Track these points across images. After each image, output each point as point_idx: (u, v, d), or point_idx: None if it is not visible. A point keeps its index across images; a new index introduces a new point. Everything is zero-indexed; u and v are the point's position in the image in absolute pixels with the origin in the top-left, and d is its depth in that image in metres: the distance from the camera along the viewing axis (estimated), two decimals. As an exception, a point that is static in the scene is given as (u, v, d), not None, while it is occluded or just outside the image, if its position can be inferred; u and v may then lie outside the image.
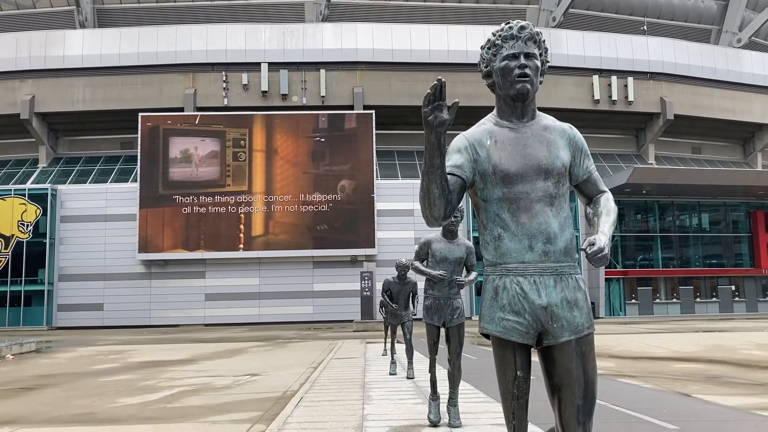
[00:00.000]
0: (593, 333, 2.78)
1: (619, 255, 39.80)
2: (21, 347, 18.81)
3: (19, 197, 37.24)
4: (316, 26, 42.18)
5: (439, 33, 41.41)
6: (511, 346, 2.72)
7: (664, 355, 15.34)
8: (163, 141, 37.91)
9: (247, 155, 38.06)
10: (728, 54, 46.18)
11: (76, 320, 36.43)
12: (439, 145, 2.58)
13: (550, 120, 2.94)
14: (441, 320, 6.50)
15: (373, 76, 41.07)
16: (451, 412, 6.38)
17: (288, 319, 36.33)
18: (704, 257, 42.28)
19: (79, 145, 42.78)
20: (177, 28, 41.38)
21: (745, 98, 45.40)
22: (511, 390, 2.71)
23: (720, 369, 12.29)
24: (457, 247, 6.46)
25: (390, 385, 9.79)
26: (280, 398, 9.03)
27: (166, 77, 40.69)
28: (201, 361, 15.63)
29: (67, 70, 40.64)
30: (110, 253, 37.02)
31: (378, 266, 34.44)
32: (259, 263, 37.43)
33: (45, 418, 8.05)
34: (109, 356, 17.54)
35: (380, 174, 39.32)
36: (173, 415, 8.09)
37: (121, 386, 11.04)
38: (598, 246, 2.60)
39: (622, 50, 43.12)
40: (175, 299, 36.95)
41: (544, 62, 2.90)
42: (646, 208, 41.23)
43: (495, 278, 2.79)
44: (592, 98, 42.27)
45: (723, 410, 7.71)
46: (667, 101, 42.97)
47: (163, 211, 37.12)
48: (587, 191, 2.96)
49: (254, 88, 40.62)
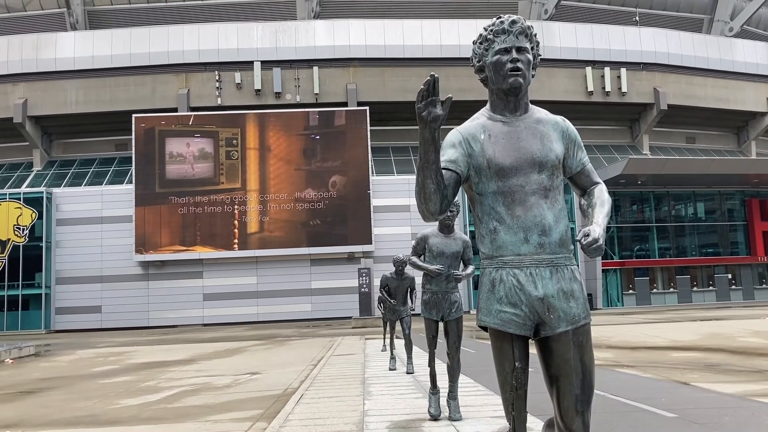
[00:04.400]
0: (590, 323, 2.81)
1: (616, 246, 39.89)
2: (20, 351, 18.80)
3: (14, 201, 37.15)
4: (308, 23, 42.11)
5: (431, 28, 41.40)
6: (509, 337, 2.74)
7: (662, 344, 15.40)
8: (158, 142, 37.85)
9: (240, 153, 38.02)
10: (721, 43, 46.25)
11: (75, 323, 36.42)
12: (434, 140, 2.60)
13: (543, 113, 2.96)
14: (439, 314, 6.54)
15: (366, 73, 41.04)
16: (451, 406, 6.42)
17: (287, 317, 36.37)
18: (700, 246, 42.41)
19: (73, 147, 42.67)
20: (169, 29, 41.25)
21: (739, 87, 45.50)
22: (509, 381, 2.73)
23: (718, 357, 12.36)
24: (454, 242, 6.49)
25: (390, 380, 9.82)
26: (281, 396, 9.05)
27: (158, 78, 40.59)
28: (200, 360, 15.64)
29: (60, 72, 40.52)
30: (107, 255, 36.99)
31: (375, 262, 34.45)
32: (257, 262, 37.42)
33: (46, 421, 8.06)
34: (109, 358, 17.54)
35: (376, 170, 39.32)
36: (174, 415, 8.11)
37: (121, 388, 11.05)
38: (592, 237, 2.63)
39: (614, 41, 43.17)
40: (173, 300, 36.93)
41: (535, 56, 2.92)
42: (641, 198, 41.31)
43: (491, 271, 2.82)
44: (586, 90, 42.32)
45: (721, 397, 7.76)
46: (661, 91, 43.04)
47: (159, 211, 37.08)
48: (581, 183, 2.99)
49: (247, 87, 40.55)
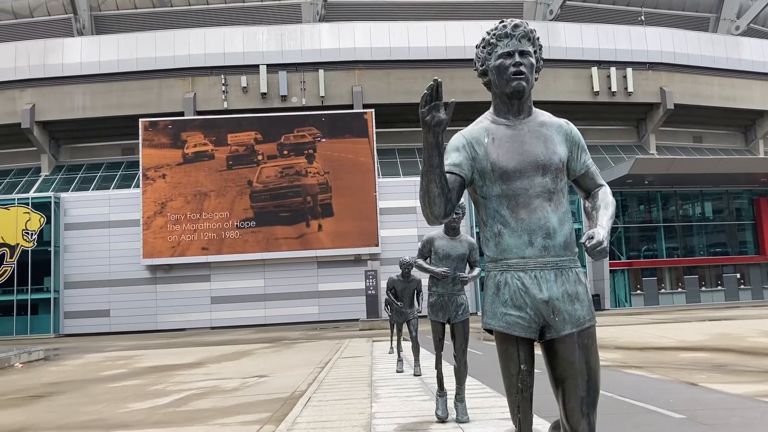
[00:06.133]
0: (595, 325, 2.81)
1: (623, 246, 39.76)
2: (29, 356, 18.89)
3: (22, 206, 37.35)
4: (314, 27, 42.20)
5: (436, 30, 41.41)
6: (514, 340, 2.75)
7: (670, 345, 15.34)
8: (164, 145, 38.00)
9: (246, 156, 38.11)
10: (727, 42, 46.07)
11: (83, 327, 36.56)
12: (438, 144, 2.61)
13: (547, 116, 2.97)
14: (446, 317, 6.54)
15: (371, 75, 41.08)
16: (459, 408, 6.42)
17: (294, 319, 36.41)
18: (708, 246, 42.20)
19: (80, 152, 42.89)
20: (175, 33, 41.43)
21: (745, 85, 45.30)
22: (515, 384, 2.74)
23: (726, 357, 12.30)
24: (460, 244, 6.49)
25: (397, 382, 9.83)
26: (289, 399, 9.07)
27: (165, 82, 40.77)
28: (208, 364, 15.68)
29: (67, 77, 40.76)
30: (115, 259, 37.13)
31: (382, 264, 34.46)
32: (264, 265, 37.48)
33: (56, 425, 8.11)
34: (117, 362, 17.61)
35: (381, 172, 39.34)
36: (182, 418, 8.14)
37: (129, 391, 11.09)
38: (597, 239, 2.63)
39: (620, 41, 43.06)
40: (181, 303, 37.04)
41: (538, 59, 2.93)
42: (648, 198, 41.15)
43: (496, 274, 2.83)
44: (592, 90, 42.21)
45: (730, 398, 7.72)
46: (667, 91, 42.90)
47: (166, 216, 37.20)
48: (585, 185, 2.99)
49: (253, 90, 40.66)
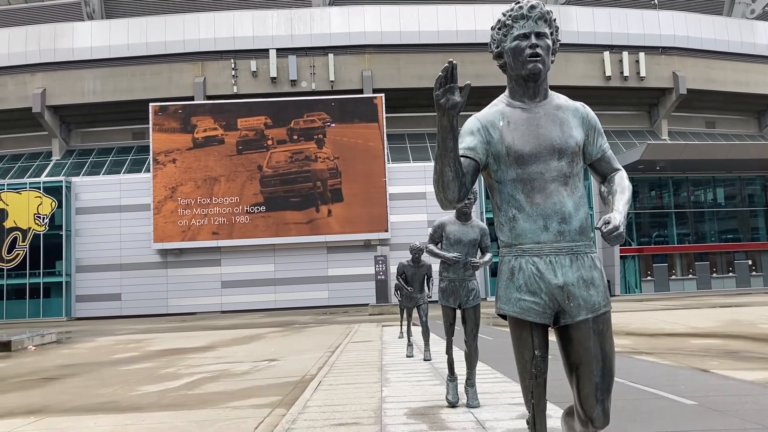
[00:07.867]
0: (610, 311, 2.79)
1: (634, 232, 39.58)
2: (42, 338, 19.08)
3: (34, 190, 37.59)
4: (323, 10, 41.98)
5: (447, 13, 41.08)
6: (528, 326, 2.73)
7: (681, 331, 15.29)
8: (174, 130, 38.05)
9: (256, 141, 38.13)
10: (741, 26, 45.47)
11: (95, 311, 36.90)
12: (452, 127, 2.57)
13: (563, 99, 2.92)
14: (457, 302, 6.52)
15: (381, 59, 40.88)
16: (469, 393, 6.43)
17: (304, 304, 36.58)
18: (720, 232, 41.94)
19: (91, 136, 43.04)
20: (184, 17, 41.35)
21: (759, 70, 44.76)
22: (529, 369, 2.72)
23: (738, 344, 12.24)
24: (471, 229, 6.46)
25: (407, 367, 9.84)
26: (299, 382, 9.11)
27: (174, 66, 40.77)
28: (219, 347, 15.78)
29: (77, 62, 40.85)
30: (126, 243, 37.37)
31: (392, 250, 34.50)
32: (274, 249, 37.60)
33: (69, 407, 8.19)
34: (129, 345, 17.75)
35: (391, 157, 39.24)
36: (194, 401, 8.20)
37: (141, 374, 11.18)
38: (613, 224, 2.59)
39: (632, 25, 42.59)
40: (192, 287, 37.27)
41: (555, 41, 2.87)
42: (660, 184, 40.90)
43: (510, 259, 2.80)
44: (604, 75, 41.86)
45: (742, 385, 7.69)
46: (680, 76, 42.46)
47: (177, 201, 37.34)
48: (601, 170, 2.95)
49: (263, 74, 40.59)
